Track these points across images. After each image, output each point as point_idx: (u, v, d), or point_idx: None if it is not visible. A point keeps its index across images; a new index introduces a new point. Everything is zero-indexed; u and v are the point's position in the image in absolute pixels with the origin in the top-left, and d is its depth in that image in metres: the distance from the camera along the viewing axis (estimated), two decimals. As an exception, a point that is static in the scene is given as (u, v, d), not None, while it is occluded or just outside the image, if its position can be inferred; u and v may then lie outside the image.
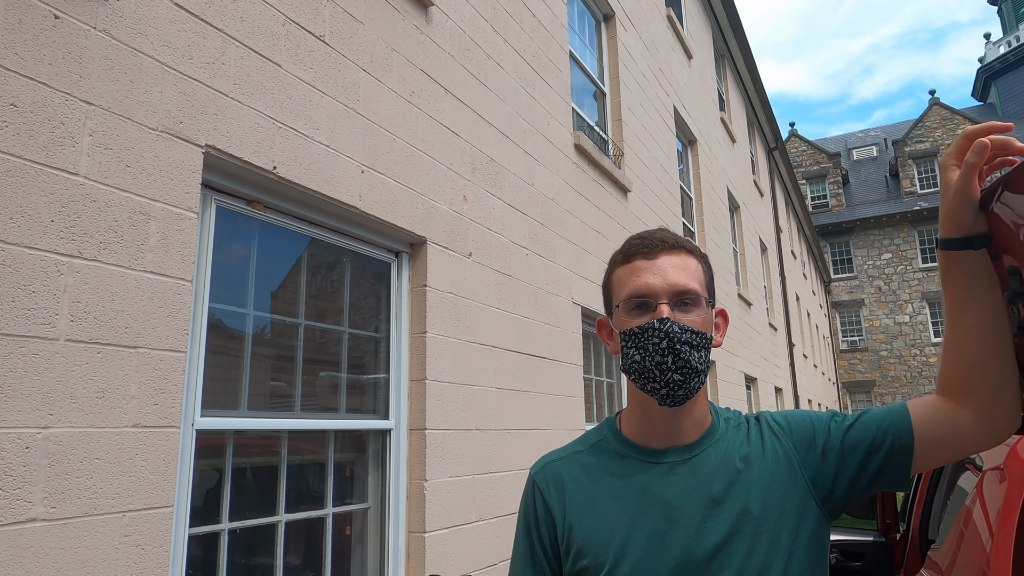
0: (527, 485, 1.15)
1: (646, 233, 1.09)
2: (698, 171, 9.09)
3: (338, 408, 2.79)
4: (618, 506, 1.04)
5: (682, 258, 1.05)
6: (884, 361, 27.55)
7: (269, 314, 2.54)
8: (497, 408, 3.52)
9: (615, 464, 1.08)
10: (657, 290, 1.02)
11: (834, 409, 1.12)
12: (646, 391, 1.02)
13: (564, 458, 1.13)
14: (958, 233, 0.99)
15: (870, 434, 1.02)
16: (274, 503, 2.45)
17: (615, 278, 1.09)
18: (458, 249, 3.40)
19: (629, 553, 1.00)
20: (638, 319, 1.02)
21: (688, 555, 0.98)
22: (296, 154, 2.48)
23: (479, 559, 3.20)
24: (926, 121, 29.77)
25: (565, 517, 1.07)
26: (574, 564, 1.04)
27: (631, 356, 1.02)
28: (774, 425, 1.08)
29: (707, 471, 1.03)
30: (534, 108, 4.44)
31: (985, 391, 0.98)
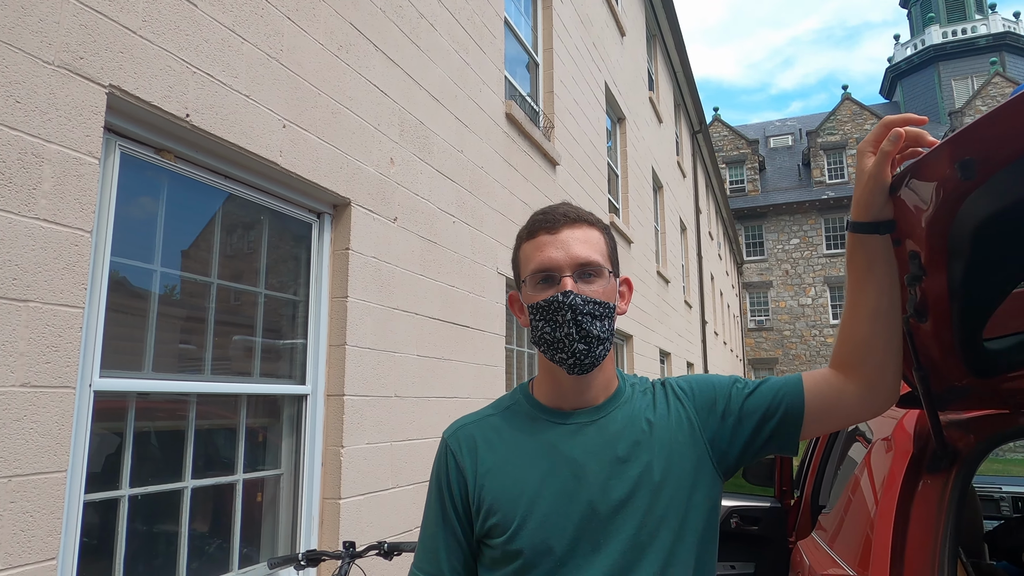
0: (440, 448, 1.15)
1: (549, 208, 1.12)
2: (625, 149, 9.22)
3: (252, 372, 2.69)
4: (528, 465, 1.07)
5: (584, 231, 1.08)
6: (787, 340, 29.24)
7: (179, 272, 2.40)
8: (418, 375, 3.50)
9: (526, 426, 1.11)
10: (560, 263, 1.04)
11: (736, 375, 1.18)
12: (555, 361, 1.06)
13: (477, 421, 1.15)
14: (867, 217, 1.05)
15: (766, 401, 1.09)
16: (180, 469, 2.34)
17: (522, 254, 1.11)
18: (383, 213, 3.32)
19: (537, 509, 1.03)
20: (544, 293, 1.05)
21: (592, 510, 1.02)
22: (212, 102, 2.33)
23: (395, 525, 3.20)
24: (838, 114, 31.37)
25: (476, 478, 1.08)
26: (484, 522, 1.06)
27: (540, 329, 1.06)
28: (678, 390, 1.14)
29: (613, 431, 1.07)
30: (467, 73, 4.36)
31: (871, 367, 1.08)
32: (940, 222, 1.06)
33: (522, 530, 1.03)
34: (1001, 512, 3.37)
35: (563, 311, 1.02)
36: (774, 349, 29.41)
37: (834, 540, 1.86)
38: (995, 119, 0.81)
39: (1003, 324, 1.44)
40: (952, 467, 1.54)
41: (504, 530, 1.03)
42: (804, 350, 28.89)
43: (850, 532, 1.75)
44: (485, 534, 1.07)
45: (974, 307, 1.25)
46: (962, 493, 1.51)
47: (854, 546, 1.68)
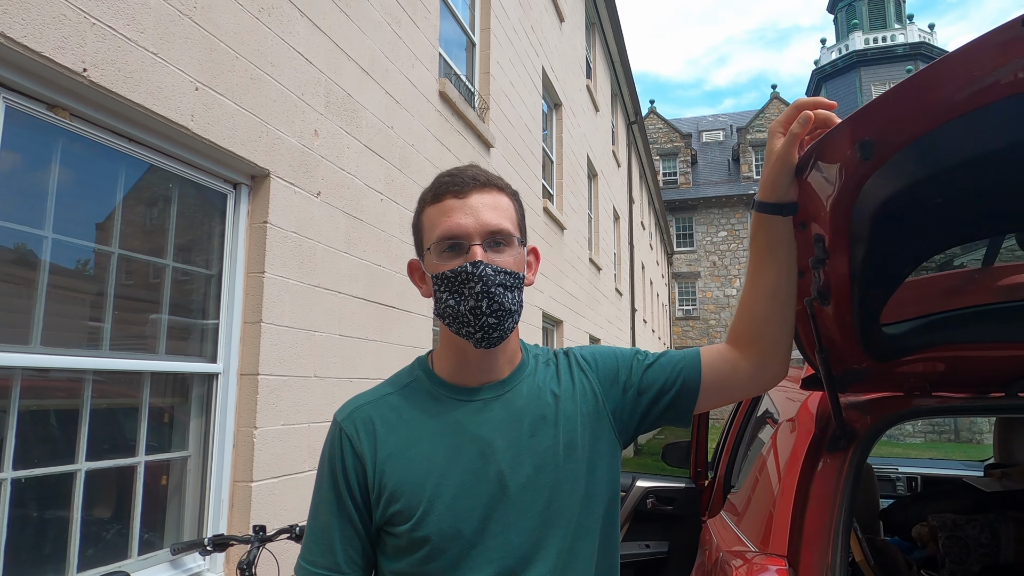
0: (331, 432, 1.07)
1: (456, 170, 1.05)
2: (561, 135, 9.25)
3: (157, 349, 2.54)
4: (432, 446, 1.01)
5: (494, 196, 1.02)
6: (712, 329, 30.29)
7: (75, 239, 2.23)
8: (340, 356, 3.40)
9: (428, 404, 1.05)
10: (469, 231, 0.98)
11: (637, 347, 1.18)
12: (461, 335, 1.01)
13: (374, 401, 1.08)
14: (772, 198, 1.07)
15: (664, 374, 1.10)
16: (73, 451, 2.19)
17: (425, 218, 1.04)
18: (305, 187, 3.19)
19: (444, 492, 0.98)
20: (450, 262, 0.99)
21: (501, 488, 0.99)
22: (114, 58, 2.16)
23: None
24: (766, 112, 32.52)
25: (376, 463, 1.01)
26: (386, 509, 0.99)
27: (444, 301, 1.00)
28: (582, 361, 1.12)
29: (519, 406, 1.04)
30: (399, 48, 4.24)
31: (765, 344, 1.10)
32: (842, 205, 1.08)
33: (428, 516, 0.97)
34: (896, 491, 3.58)
35: (472, 282, 0.97)
36: (700, 338, 30.41)
37: (740, 518, 1.92)
38: (892, 99, 0.82)
39: (900, 310, 1.50)
40: (850, 446, 1.60)
41: (408, 517, 0.98)
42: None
43: (755, 510, 1.80)
44: (387, 521, 1.00)
45: (873, 291, 1.29)
46: (858, 470, 1.57)
47: (758, 523, 1.73)
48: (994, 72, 0.71)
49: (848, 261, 1.21)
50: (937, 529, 2.08)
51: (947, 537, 2.03)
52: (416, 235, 1.08)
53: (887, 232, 1.15)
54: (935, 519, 2.14)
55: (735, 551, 1.68)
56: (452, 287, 0.98)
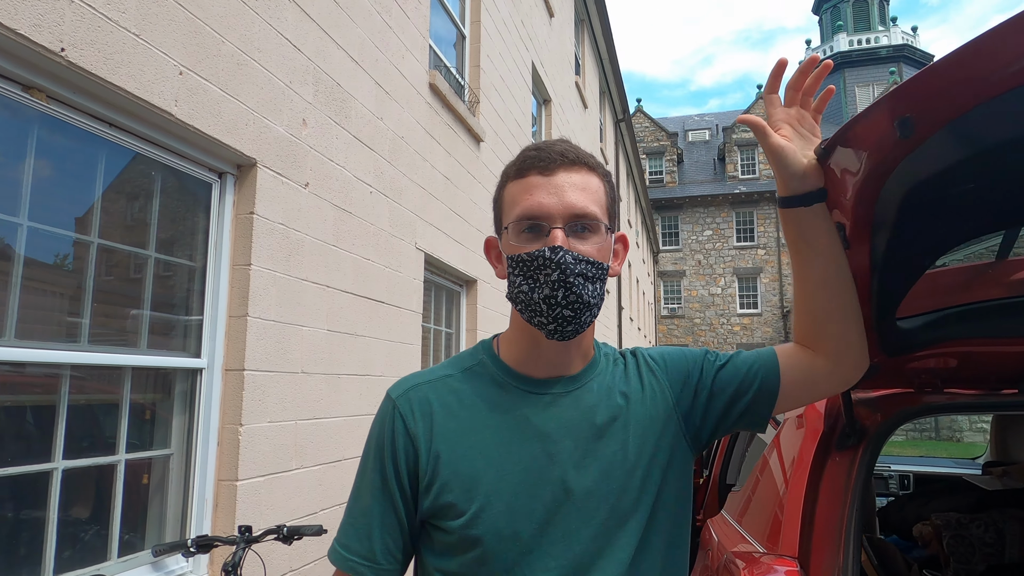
0: (384, 410, 0.99)
1: (544, 144, 0.96)
2: (550, 131, 9.19)
3: (138, 343, 2.44)
4: (494, 438, 0.94)
5: (583, 176, 0.94)
6: (697, 328, 30.42)
7: (52, 228, 2.13)
8: (327, 351, 3.32)
9: (492, 392, 0.98)
10: (551, 212, 0.91)
11: (706, 347, 1.11)
12: (532, 324, 0.93)
13: (432, 382, 1.00)
14: (791, 191, 0.99)
15: (739, 375, 1.02)
16: (49, 449, 2.10)
17: (506, 194, 0.96)
18: (293, 177, 3.10)
19: (503, 489, 0.91)
20: (528, 244, 0.91)
21: (565, 491, 0.91)
22: (94, 38, 2.07)
23: (298, 508, 3.03)
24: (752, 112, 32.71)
25: (431, 447, 0.94)
26: (437, 499, 0.92)
27: (518, 285, 0.92)
28: (651, 362, 1.05)
29: (589, 404, 0.97)
30: (389, 37, 4.15)
31: (833, 338, 1.02)
32: (869, 189, 1.02)
33: (484, 513, 0.90)
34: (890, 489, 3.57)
35: (549, 269, 0.89)
36: (685, 336, 30.54)
37: (743, 517, 1.87)
38: (938, 71, 0.77)
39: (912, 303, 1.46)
40: (860, 444, 1.56)
41: (461, 512, 0.90)
42: (712, 337, 30.15)
43: (760, 509, 1.76)
44: (435, 514, 0.93)
45: (893, 283, 1.24)
46: (869, 469, 1.53)
47: (763, 522, 1.69)
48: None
49: (869, 251, 1.16)
50: (941, 528, 2.05)
51: (952, 536, 2.00)
52: (496, 211, 1.00)
53: (913, 219, 1.10)
54: (939, 518, 2.11)
55: (742, 552, 1.63)
56: (527, 272, 0.91)
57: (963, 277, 1.54)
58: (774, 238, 29.76)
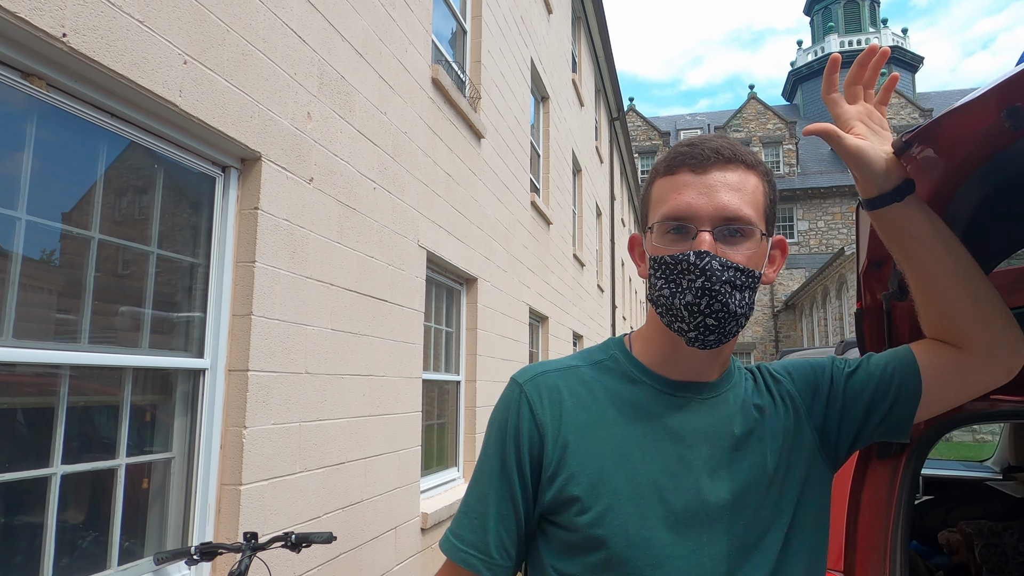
0: (509, 394, 0.94)
1: (699, 139, 0.89)
2: (548, 129, 9.12)
3: (140, 343, 2.35)
4: (626, 434, 0.88)
5: (739, 175, 0.87)
6: (688, 327, 30.48)
7: (51, 222, 2.04)
8: (331, 351, 3.23)
9: (625, 388, 0.92)
10: (700, 213, 0.85)
11: (831, 355, 1.02)
12: (672, 329, 0.88)
13: (562, 370, 0.95)
14: (875, 192, 0.90)
15: (873, 380, 0.94)
16: (48, 453, 2.00)
17: (654, 191, 0.91)
18: (298, 172, 3.01)
19: (633, 490, 0.85)
20: (673, 246, 0.86)
21: (699, 502, 0.85)
22: (97, 24, 1.98)
23: (302, 512, 2.95)
24: (744, 113, 32.77)
25: (558, 436, 0.89)
26: (560, 492, 0.86)
27: (659, 289, 0.87)
28: (779, 376, 0.99)
29: (726, 415, 0.91)
30: (392, 30, 4.07)
31: (973, 327, 0.92)
32: (950, 185, 0.96)
33: (611, 513, 0.84)
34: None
35: (693, 274, 0.83)
36: (676, 335, 30.60)
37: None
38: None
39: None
40: (903, 453, 1.50)
41: (586, 508, 0.85)
42: (704, 337, 30.24)
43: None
44: (557, 508, 0.87)
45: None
46: (914, 478, 1.47)
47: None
48: None
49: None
50: (973, 537, 2.00)
51: (984, 545, 1.96)
52: (642, 208, 0.95)
53: (988, 217, 1.05)
54: (969, 526, 2.05)
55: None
56: (669, 275, 0.86)
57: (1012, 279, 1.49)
58: (765, 238, 29.86)
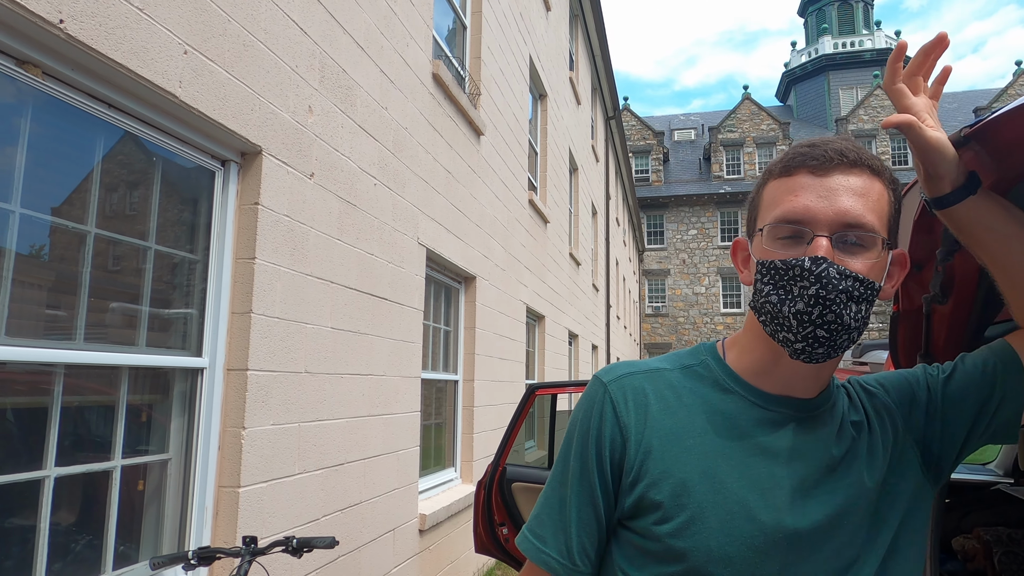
0: (592, 394, 0.89)
1: (820, 140, 0.84)
2: (545, 127, 9.07)
3: (136, 341, 2.28)
4: (713, 446, 0.83)
5: (864, 180, 0.81)
6: (681, 326, 30.53)
7: (44, 215, 1.97)
8: (331, 350, 3.17)
9: (715, 396, 0.87)
10: (818, 217, 0.79)
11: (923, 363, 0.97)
12: (775, 338, 0.83)
13: (648, 372, 0.90)
14: (948, 187, 0.84)
15: (974, 381, 0.88)
16: (41, 454, 1.94)
17: (767, 192, 0.85)
18: (299, 167, 2.95)
19: (720, 504, 0.80)
20: (785, 250, 0.80)
21: (792, 525, 0.80)
22: (95, 10, 1.91)
23: (300, 514, 2.88)
24: (738, 113, 32.82)
25: (642, 440, 0.84)
26: (642, 498, 0.82)
27: (766, 295, 0.82)
28: (873, 388, 0.93)
29: (825, 434, 0.85)
30: (394, 24, 4.00)
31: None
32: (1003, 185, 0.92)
33: (695, 525, 0.79)
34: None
35: (806, 281, 0.78)
36: (668, 335, 30.64)
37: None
38: None
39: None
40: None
41: (668, 516, 0.80)
42: (696, 336, 30.28)
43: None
44: (636, 514, 0.83)
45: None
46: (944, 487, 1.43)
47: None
48: None
49: (982, 254, 1.06)
50: (991, 544, 1.97)
51: (1004, 553, 1.92)
52: (751, 210, 0.89)
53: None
54: (987, 533, 2.02)
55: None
56: (778, 281, 0.80)
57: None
58: (758, 238, 29.93)
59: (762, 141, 31.88)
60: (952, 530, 2.28)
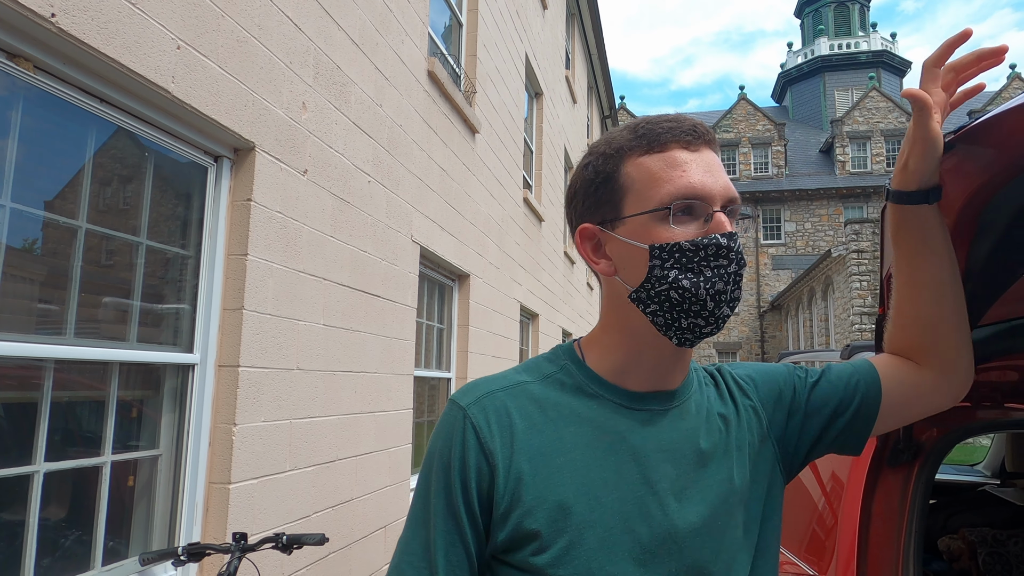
0: (451, 421, 0.81)
1: (673, 116, 0.81)
2: (541, 125, 9.08)
3: (127, 336, 2.28)
4: (586, 459, 0.79)
5: (717, 156, 0.80)
6: (675, 326, 30.55)
7: (35, 210, 1.96)
8: (323, 347, 3.17)
9: (580, 404, 0.82)
10: (713, 192, 0.76)
11: (789, 363, 0.97)
12: (674, 328, 0.78)
13: (509, 388, 0.83)
14: (918, 184, 0.87)
15: (837, 393, 0.91)
16: (30, 449, 1.93)
17: (632, 170, 0.79)
18: (292, 163, 2.94)
19: (598, 522, 0.76)
20: (687, 230, 0.76)
21: (669, 527, 0.78)
22: (87, 4, 1.90)
23: (292, 511, 2.88)
24: (733, 113, 32.87)
25: (511, 467, 0.77)
26: (517, 529, 0.76)
27: (674, 281, 0.76)
28: (741, 382, 0.93)
29: (689, 426, 0.84)
30: (389, 21, 3.99)
31: (946, 349, 0.92)
32: (986, 190, 0.93)
33: (575, 550, 0.75)
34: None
35: (724, 259, 0.75)
36: (663, 334, 30.67)
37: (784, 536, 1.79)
38: None
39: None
40: (915, 460, 1.47)
41: (546, 545, 0.75)
42: (690, 336, 30.32)
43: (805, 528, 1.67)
44: (512, 547, 0.77)
45: (984, 291, 1.15)
46: (927, 488, 1.44)
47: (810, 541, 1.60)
48: None
49: (967, 256, 1.07)
50: (976, 545, 1.99)
51: (988, 553, 1.94)
52: (602, 194, 0.82)
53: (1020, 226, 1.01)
54: (971, 533, 2.04)
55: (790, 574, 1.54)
56: (692, 264, 0.76)
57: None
58: (752, 238, 30.00)
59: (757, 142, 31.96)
60: (938, 530, 2.30)
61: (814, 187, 29.69)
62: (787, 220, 30.01)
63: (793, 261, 29.21)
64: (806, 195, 29.76)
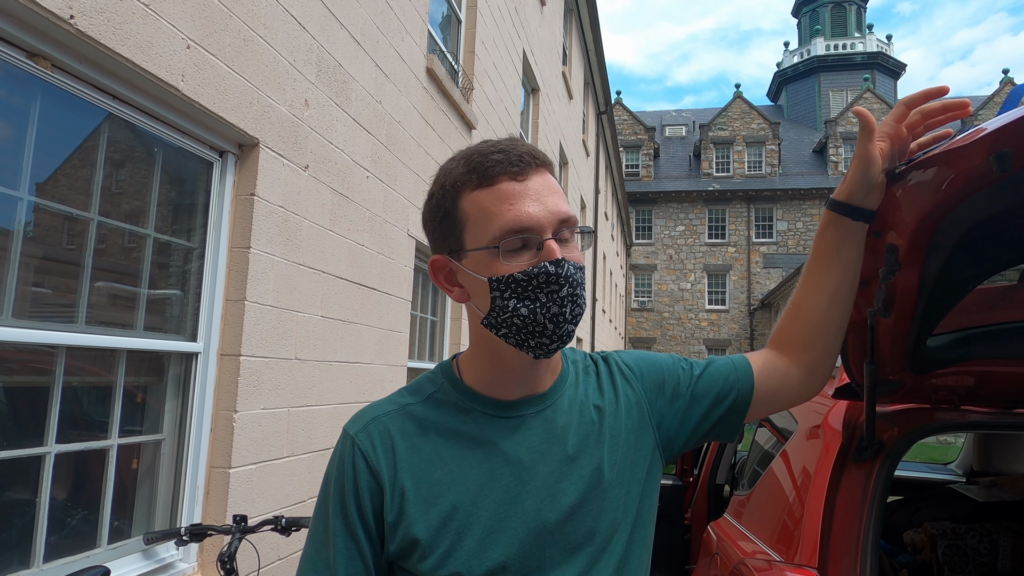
0: (342, 448, 0.90)
1: (504, 144, 0.85)
2: (537, 121, 9.15)
3: (134, 324, 2.37)
4: (461, 469, 0.87)
5: (549, 177, 0.86)
6: (666, 321, 30.80)
7: (52, 203, 2.04)
8: (321, 338, 3.26)
9: (456, 420, 0.90)
10: (542, 222, 0.81)
11: (675, 354, 1.09)
12: (523, 347, 0.85)
13: (392, 412, 0.91)
14: (852, 200, 1.01)
15: (717, 385, 1.00)
16: (41, 432, 2.02)
17: (468, 206, 0.84)
18: (294, 159, 3.03)
19: (475, 524, 0.84)
20: (520, 261, 0.82)
21: (541, 520, 0.85)
22: (103, 6, 1.98)
23: (288, 495, 2.99)
24: (729, 111, 32.98)
25: (395, 484, 0.86)
26: (403, 540, 0.84)
27: (512, 309, 0.83)
28: (625, 369, 1.00)
29: (561, 424, 0.91)
30: (390, 19, 4.07)
31: (819, 350, 1.04)
32: (935, 215, 1.03)
33: (456, 552, 0.83)
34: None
35: (557, 285, 0.81)
36: (653, 329, 30.90)
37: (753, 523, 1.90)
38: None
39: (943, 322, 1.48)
40: (877, 457, 1.59)
41: (430, 551, 0.83)
42: (680, 331, 30.57)
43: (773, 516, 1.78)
44: (402, 555, 0.85)
45: (937, 304, 1.26)
46: (886, 483, 1.56)
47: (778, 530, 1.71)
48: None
49: (919, 273, 1.18)
50: (937, 537, 2.11)
51: (947, 546, 2.07)
52: (445, 228, 0.87)
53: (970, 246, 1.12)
54: (933, 527, 2.17)
55: (760, 560, 1.65)
56: (523, 292, 0.82)
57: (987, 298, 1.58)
58: (744, 236, 30.20)
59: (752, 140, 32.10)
60: (904, 524, 2.43)
61: (807, 187, 29.89)
62: (779, 219, 30.21)
63: (784, 259, 29.43)
64: (799, 194, 29.96)
